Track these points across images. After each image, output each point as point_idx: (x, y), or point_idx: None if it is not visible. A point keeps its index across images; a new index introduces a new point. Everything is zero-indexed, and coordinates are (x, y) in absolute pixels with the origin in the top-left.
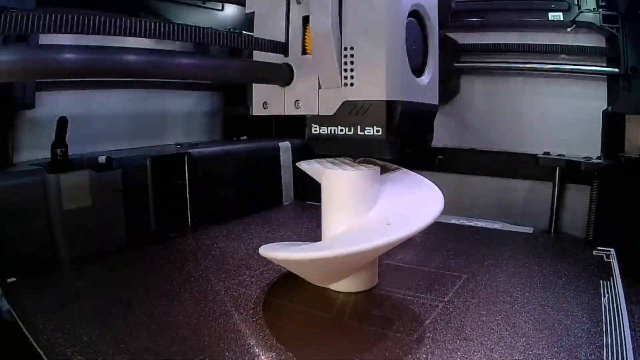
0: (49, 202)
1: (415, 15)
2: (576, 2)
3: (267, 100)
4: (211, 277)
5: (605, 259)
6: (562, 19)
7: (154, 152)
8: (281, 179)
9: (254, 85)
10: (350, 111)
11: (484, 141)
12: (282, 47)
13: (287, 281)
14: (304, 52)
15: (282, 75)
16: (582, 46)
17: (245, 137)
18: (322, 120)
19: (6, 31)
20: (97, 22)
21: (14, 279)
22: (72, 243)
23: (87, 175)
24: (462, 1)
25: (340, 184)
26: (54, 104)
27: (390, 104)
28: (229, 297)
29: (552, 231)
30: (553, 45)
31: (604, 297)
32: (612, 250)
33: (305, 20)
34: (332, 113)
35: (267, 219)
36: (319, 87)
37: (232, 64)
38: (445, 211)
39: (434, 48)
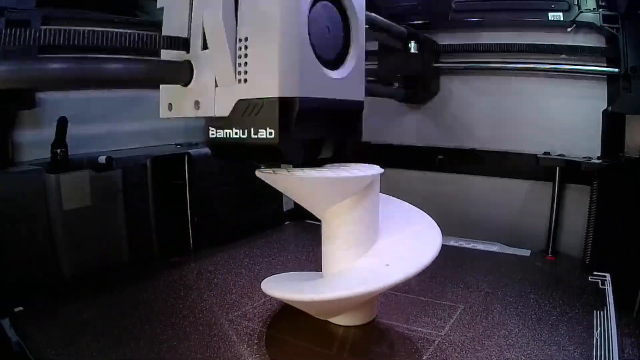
0: (49, 202)
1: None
2: (576, 2)
3: (171, 101)
4: (215, 308)
5: (601, 286)
6: (562, 19)
7: (154, 152)
8: None
9: (161, 86)
10: (244, 111)
11: (484, 141)
12: (183, 43)
13: (288, 313)
14: (205, 46)
15: (180, 74)
16: (582, 46)
17: None
18: (219, 122)
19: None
20: None
21: (21, 308)
22: (72, 243)
23: (87, 175)
24: (462, 1)
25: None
26: (54, 104)
27: (284, 102)
28: (233, 331)
29: (550, 251)
30: (553, 45)
31: (596, 330)
32: (608, 276)
33: None
34: (227, 114)
35: (269, 241)
36: (216, 85)
37: (113, 67)
38: (446, 211)
39: (358, 36)
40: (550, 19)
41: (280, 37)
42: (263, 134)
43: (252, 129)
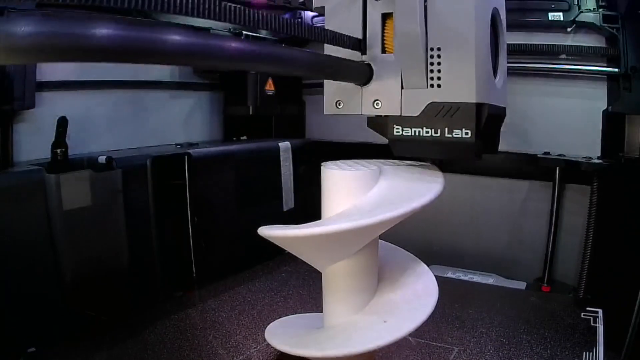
0: (49, 202)
1: (491, 18)
2: (576, 2)
3: (340, 99)
4: (219, 351)
5: (592, 324)
6: (562, 19)
7: (154, 152)
8: (281, 180)
9: (325, 83)
10: (437, 113)
11: None
12: (359, 45)
13: (291, 357)
14: (384, 50)
15: (363, 74)
16: (582, 46)
17: (245, 137)
18: (405, 121)
19: None
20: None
21: (33, 349)
22: (72, 244)
23: (87, 175)
24: None
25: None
26: (54, 104)
27: (479, 107)
28: None
29: (546, 280)
30: (553, 45)
31: None
32: (600, 312)
33: (385, 17)
34: (416, 114)
35: (269, 272)
36: (402, 87)
37: (314, 58)
38: (446, 214)
39: (504, 50)
40: (550, 19)
41: (476, 50)
42: (459, 133)
43: (447, 129)
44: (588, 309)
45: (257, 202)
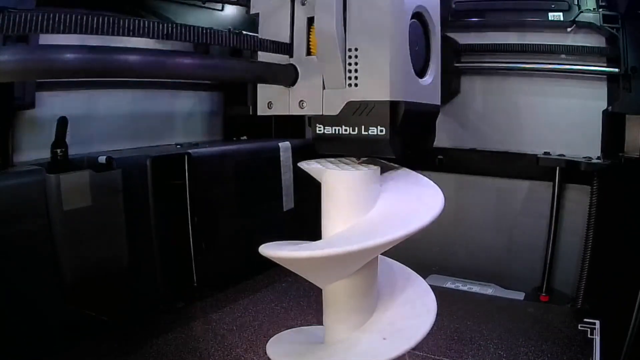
0: (49, 202)
1: (418, 16)
2: (576, 2)
3: (271, 100)
4: None
5: (589, 335)
6: (562, 19)
7: (154, 152)
8: (281, 180)
9: (259, 86)
10: (355, 111)
11: (484, 141)
12: (286, 48)
13: None
14: (309, 52)
15: (288, 76)
16: (582, 46)
17: (245, 137)
18: (327, 120)
19: (6, 31)
20: (101, 22)
21: None
22: (72, 244)
23: (87, 175)
24: (462, 1)
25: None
26: (54, 104)
27: (393, 104)
28: None
29: (544, 289)
30: (553, 45)
31: None
32: (597, 324)
33: (310, 21)
34: (336, 113)
35: (272, 284)
36: (323, 88)
37: (239, 65)
38: (445, 211)
39: (436, 49)
40: (550, 19)
41: (390, 49)
42: (374, 131)
43: (363, 127)
44: (585, 320)
45: (257, 202)
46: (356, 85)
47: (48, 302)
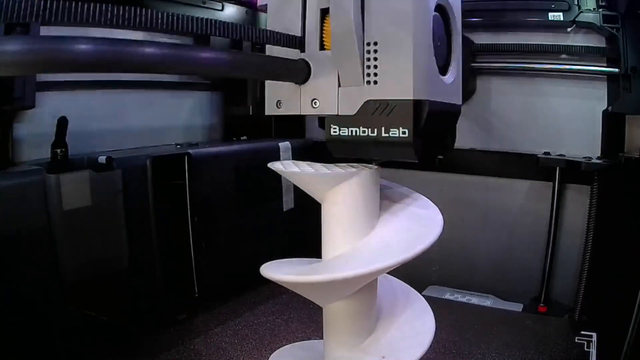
0: (49, 202)
1: (440, 10)
2: (576, 2)
3: (280, 99)
4: None
5: (586, 348)
6: (562, 19)
7: (154, 152)
8: (281, 180)
9: (267, 83)
10: (374, 111)
11: (484, 141)
12: (298, 42)
13: None
14: (322, 47)
15: (299, 72)
16: (582, 46)
17: (245, 137)
18: (342, 120)
19: (8, 19)
20: (114, 11)
21: None
22: (72, 244)
23: (87, 175)
24: (462, 1)
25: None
26: (54, 104)
27: (417, 104)
28: None
29: (543, 299)
30: (553, 45)
31: None
32: (594, 336)
33: (323, 13)
34: (353, 113)
35: (273, 296)
36: (339, 85)
37: (247, 59)
38: (445, 211)
39: (458, 45)
40: (550, 19)
41: (414, 43)
42: (396, 132)
43: (384, 128)
44: (582, 332)
45: (257, 202)
46: (375, 82)
47: (48, 303)
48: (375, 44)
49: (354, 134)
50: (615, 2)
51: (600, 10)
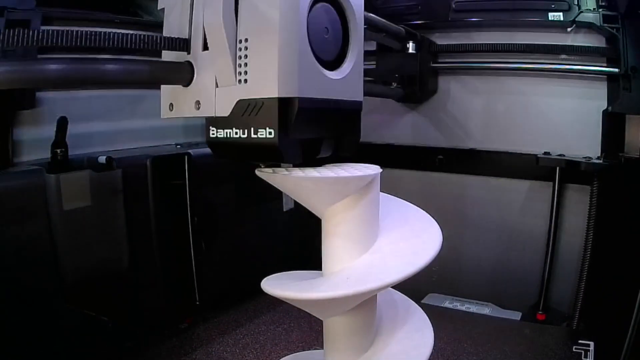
0: (49, 202)
1: (332, 1)
2: (576, 2)
3: (172, 101)
4: None
5: (583, 358)
6: (562, 19)
7: (154, 152)
8: None
9: (162, 87)
10: (244, 111)
11: (484, 141)
12: (183, 44)
13: None
14: (205, 47)
15: (182, 75)
16: (582, 46)
17: None
18: (219, 122)
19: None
20: None
21: None
22: (72, 244)
23: (87, 175)
24: (462, 1)
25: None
26: (54, 104)
27: (283, 101)
28: None
29: (541, 306)
30: (553, 45)
31: None
32: (591, 345)
33: None
34: (227, 114)
35: (274, 305)
36: (216, 86)
37: (124, 67)
38: (445, 211)
39: (357, 37)
40: (550, 19)
41: (279, 38)
42: (263, 133)
43: (252, 129)
44: (580, 341)
45: (257, 202)
46: (246, 81)
47: (48, 303)
48: (246, 41)
49: (227, 135)
50: (615, 2)
51: (600, 10)
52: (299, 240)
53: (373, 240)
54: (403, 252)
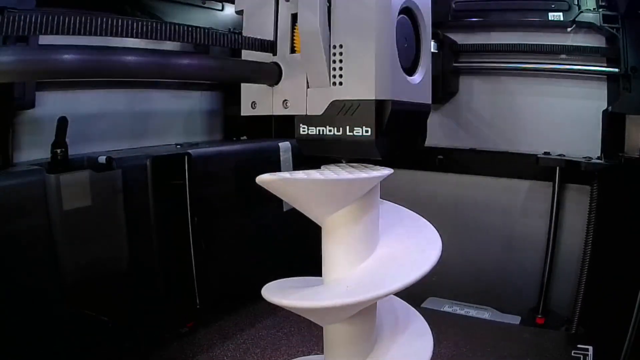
0: (49, 202)
1: (407, 12)
2: (576, 2)
3: (255, 100)
4: None
5: None
6: (562, 19)
7: (154, 152)
8: None
9: (242, 85)
10: (339, 111)
11: (484, 141)
12: (269, 46)
13: None
14: (293, 50)
15: (270, 75)
16: (582, 46)
17: (245, 137)
18: (311, 120)
19: (5, 32)
20: (88, 22)
21: None
22: (72, 244)
23: (87, 175)
24: (462, 1)
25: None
26: (54, 104)
27: (379, 104)
28: None
29: (541, 310)
30: (553, 45)
31: None
32: (590, 350)
33: (294, 18)
34: (320, 113)
35: (274, 309)
36: (308, 87)
37: (222, 64)
38: (445, 211)
39: (427, 46)
40: (550, 19)
41: (376, 46)
42: (359, 132)
43: (348, 127)
44: (579, 346)
45: (257, 202)
46: (341, 84)
47: (48, 303)
48: (341, 47)
49: (320, 133)
50: (615, 2)
51: (600, 10)
52: (299, 241)
53: (373, 247)
54: (403, 260)
